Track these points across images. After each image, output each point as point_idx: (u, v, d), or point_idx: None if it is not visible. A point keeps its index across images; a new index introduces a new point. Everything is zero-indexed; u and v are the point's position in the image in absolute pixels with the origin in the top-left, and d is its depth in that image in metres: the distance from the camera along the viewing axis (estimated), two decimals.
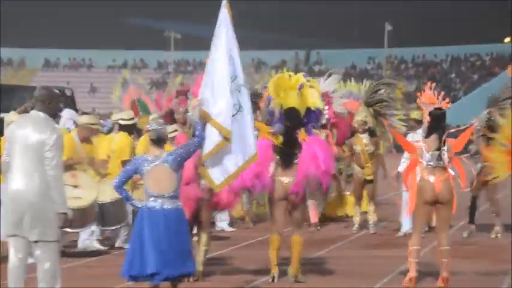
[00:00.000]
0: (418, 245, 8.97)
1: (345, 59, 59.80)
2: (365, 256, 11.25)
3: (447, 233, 9.07)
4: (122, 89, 15.72)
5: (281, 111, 9.19)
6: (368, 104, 13.11)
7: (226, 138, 7.96)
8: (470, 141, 12.22)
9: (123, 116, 11.75)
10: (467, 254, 11.18)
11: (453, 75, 58.83)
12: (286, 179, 9.09)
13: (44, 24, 67.03)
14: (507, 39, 60.64)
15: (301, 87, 9.17)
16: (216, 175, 8.12)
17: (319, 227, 13.35)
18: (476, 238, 12.73)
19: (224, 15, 8.13)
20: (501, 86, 12.67)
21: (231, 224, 13.55)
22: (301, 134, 9.11)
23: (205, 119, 7.96)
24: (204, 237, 9.29)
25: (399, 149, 12.64)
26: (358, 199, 13.33)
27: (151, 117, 13.38)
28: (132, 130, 11.84)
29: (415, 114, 12.24)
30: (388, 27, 50.32)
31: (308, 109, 9.18)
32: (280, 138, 9.17)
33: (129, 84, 14.27)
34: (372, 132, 12.96)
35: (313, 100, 9.19)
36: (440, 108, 9.10)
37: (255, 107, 13.90)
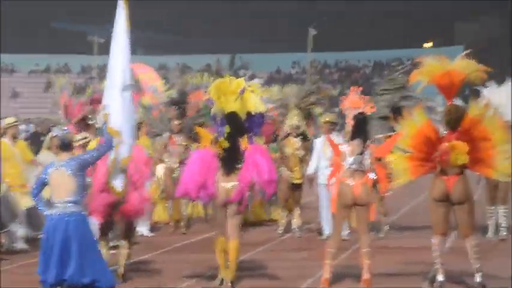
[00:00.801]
0: (335, 247, 9.19)
1: (270, 64, 60.05)
2: (289, 259, 11.36)
3: (367, 235, 9.27)
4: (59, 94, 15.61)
5: (222, 116, 9.25)
6: (300, 108, 13.31)
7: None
8: None
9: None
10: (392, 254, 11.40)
11: (375, 80, 59.65)
12: (228, 184, 9.17)
13: None
14: (428, 44, 61.76)
15: (242, 92, 9.26)
16: (118, 182, 8.21)
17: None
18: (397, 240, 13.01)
19: (120, 17, 8.24)
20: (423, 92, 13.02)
21: (151, 229, 13.53)
22: (243, 142, 9.19)
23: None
24: (124, 242, 9.26)
25: None
26: (285, 202, 13.43)
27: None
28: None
29: (330, 117, 12.49)
30: (312, 31, 50.68)
31: (249, 114, 9.27)
32: (222, 144, 9.14)
33: (63, 90, 14.20)
34: (303, 137, 13.10)
35: (254, 104, 9.29)
36: (363, 113, 9.30)
37: (182, 113, 13.91)
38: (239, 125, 9.20)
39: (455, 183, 8.95)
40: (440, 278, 8.96)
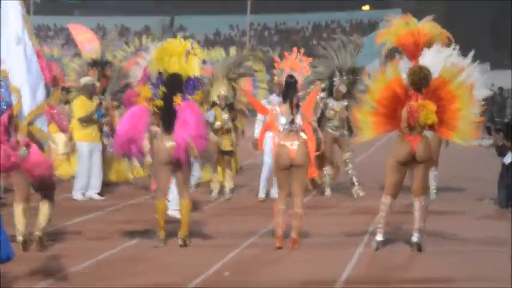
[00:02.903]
0: (283, 204, 9.31)
1: (209, 26, 59.76)
2: (228, 221, 11.45)
3: (301, 197, 9.43)
4: None
5: (161, 76, 9.21)
6: (230, 78, 13.27)
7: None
8: None
9: None
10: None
11: (315, 42, 59.86)
12: (168, 143, 9.25)
13: None
14: (365, 7, 62.10)
15: (187, 54, 9.28)
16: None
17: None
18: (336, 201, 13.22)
19: None
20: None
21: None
22: (177, 99, 9.24)
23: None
24: (43, 205, 9.13)
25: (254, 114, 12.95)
26: (216, 165, 13.38)
27: None
28: None
29: (277, 79, 12.55)
30: None
31: (188, 76, 9.31)
32: (157, 103, 9.21)
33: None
34: (231, 107, 13.09)
35: (194, 68, 9.32)
36: (292, 76, 9.39)
37: (103, 74, 13.77)
38: (178, 87, 9.25)
39: (419, 143, 9.02)
40: (379, 237, 9.14)
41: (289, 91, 9.39)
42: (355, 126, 9.98)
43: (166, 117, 9.27)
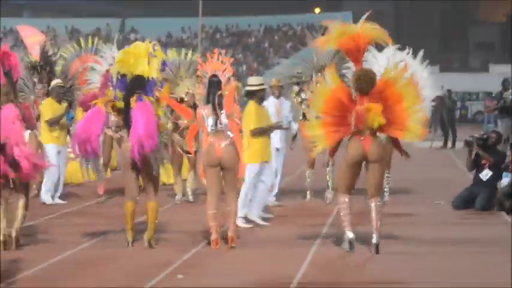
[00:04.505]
0: (214, 208, 9.33)
1: (161, 28, 59.55)
2: (185, 221, 11.40)
3: (235, 196, 9.52)
4: None
5: (124, 78, 9.22)
6: (198, 76, 13.20)
7: None
8: None
9: None
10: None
11: (266, 44, 59.97)
12: (129, 144, 9.22)
13: None
14: (317, 10, 62.43)
15: (149, 55, 9.28)
16: None
17: (102, 198, 13.29)
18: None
19: None
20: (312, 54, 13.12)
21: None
22: (132, 100, 9.21)
23: None
24: (20, 200, 9.15)
25: None
26: (179, 168, 13.28)
27: None
28: None
29: (274, 82, 12.65)
30: None
31: (148, 78, 9.31)
32: (118, 105, 9.28)
33: None
34: (195, 106, 12.96)
35: (153, 70, 9.31)
36: (216, 75, 9.44)
37: (47, 76, 13.61)
38: (141, 89, 9.25)
39: (371, 143, 9.02)
40: (349, 235, 9.12)
41: (212, 90, 9.43)
42: (305, 141, 10.01)
43: (127, 119, 9.25)
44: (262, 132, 10.86)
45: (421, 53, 13.06)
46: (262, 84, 11.04)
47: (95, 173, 9.83)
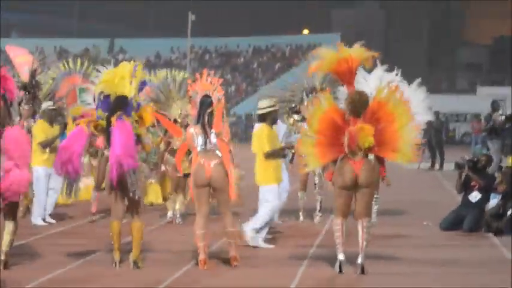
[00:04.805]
0: (202, 228, 9.32)
1: (150, 48, 59.68)
2: (174, 241, 11.37)
3: (230, 216, 9.48)
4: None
5: (108, 98, 9.27)
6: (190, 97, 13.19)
7: None
8: None
9: None
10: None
11: (255, 65, 60.14)
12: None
13: None
14: (305, 31, 62.71)
15: (132, 76, 9.32)
16: None
17: (94, 217, 13.23)
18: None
19: None
20: (302, 74, 13.14)
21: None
22: (113, 120, 9.22)
23: None
24: (9, 225, 9.12)
25: None
26: (175, 190, 13.18)
27: None
28: None
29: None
30: (191, 17, 50.65)
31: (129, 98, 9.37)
32: (101, 124, 9.35)
33: None
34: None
35: (133, 90, 9.34)
36: (208, 95, 9.48)
37: (32, 97, 13.61)
38: (123, 108, 9.26)
39: (362, 166, 9.05)
40: (340, 257, 9.12)
41: (203, 110, 9.44)
42: (299, 158, 10.02)
43: (109, 139, 9.28)
44: (276, 154, 10.85)
45: (416, 81, 12.90)
46: (273, 106, 11.04)
47: (73, 192, 9.86)
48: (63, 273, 9.11)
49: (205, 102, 9.49)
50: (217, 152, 9.40)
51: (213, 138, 9.40)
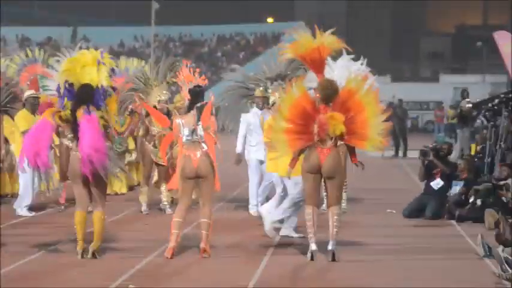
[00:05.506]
0: (181, 217, 9.32)
1: (113, 37, 59.28)
2: (136, 229, 11.35)
3: (209, 207, 9.45)
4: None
5: (71, 87, 9.12)
6: (168, 83, 13.08)
7: None
8: None
9: None
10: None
11: (219, 53, 60.04)
12: (79, 154, 9.12)
13: None
14: (269, 19, 62.70)
15: (98, 63, 9.19)
16: None
17: (63, 207, 13.10)
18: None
19: None
20: (266, 63, 13.08)
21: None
22: (79, 112, 9.11)
23: None
24: None
25: None
26: (147, 178, 13.05)
27: None
28: None
29: (259, 92, 12.47)
30: (155, 5, 50.39)
31: (97, 87, 9.21)
32: (65, 115, 9.18)
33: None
34: (169, 115, 12.82)
35: (102, 78, 9.23)
36: (199, 86, 9.46)
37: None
38: (89, 98, 9.14)
39: (328, 157, 9.10)
40: (313, 247, 9.15)
41: (196, 100, 9.43)
42: (268, 145, 10.03)
43: (75, 129, 9.16)
44: None
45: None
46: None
47: (46, 185, 9.74)
48: (24, 264, 9.02)
49: (197, 92, 9.48)
50: (203, 144, 9.35)
51: (199, 131, 9.35)
